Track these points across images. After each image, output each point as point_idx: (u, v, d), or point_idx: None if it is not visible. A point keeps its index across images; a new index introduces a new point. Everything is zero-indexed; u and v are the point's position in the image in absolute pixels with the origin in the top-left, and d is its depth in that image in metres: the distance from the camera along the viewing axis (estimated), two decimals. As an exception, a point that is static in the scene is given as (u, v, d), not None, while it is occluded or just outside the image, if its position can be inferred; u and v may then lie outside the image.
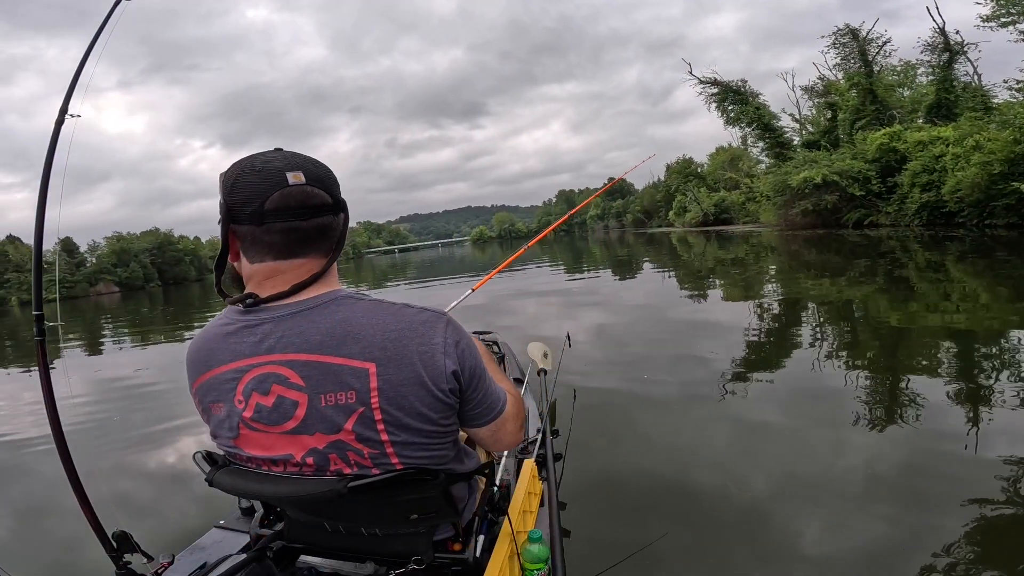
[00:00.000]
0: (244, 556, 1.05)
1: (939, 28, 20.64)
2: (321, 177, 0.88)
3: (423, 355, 0.85)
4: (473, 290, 2.95)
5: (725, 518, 2.14)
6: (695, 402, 3.52)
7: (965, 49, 20.55)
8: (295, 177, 0.84)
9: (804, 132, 29.06)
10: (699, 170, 47.35)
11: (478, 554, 1.05)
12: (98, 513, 1.37)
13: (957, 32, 20.56)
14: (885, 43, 23.27)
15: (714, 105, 27.99)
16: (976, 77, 21.34)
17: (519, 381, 2.81)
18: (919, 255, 10.82)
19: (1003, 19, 17.37)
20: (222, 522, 1.51)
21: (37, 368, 1.44)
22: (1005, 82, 17.98)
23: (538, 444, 1.92)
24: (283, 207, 0.83)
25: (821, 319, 5.94)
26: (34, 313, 1.42)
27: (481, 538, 1.09)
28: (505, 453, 1.55)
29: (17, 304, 43.32)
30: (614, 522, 2.17)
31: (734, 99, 27.26)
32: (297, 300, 0.87)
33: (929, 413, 2.92)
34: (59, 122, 1.48)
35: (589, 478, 2.53)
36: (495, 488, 1.20)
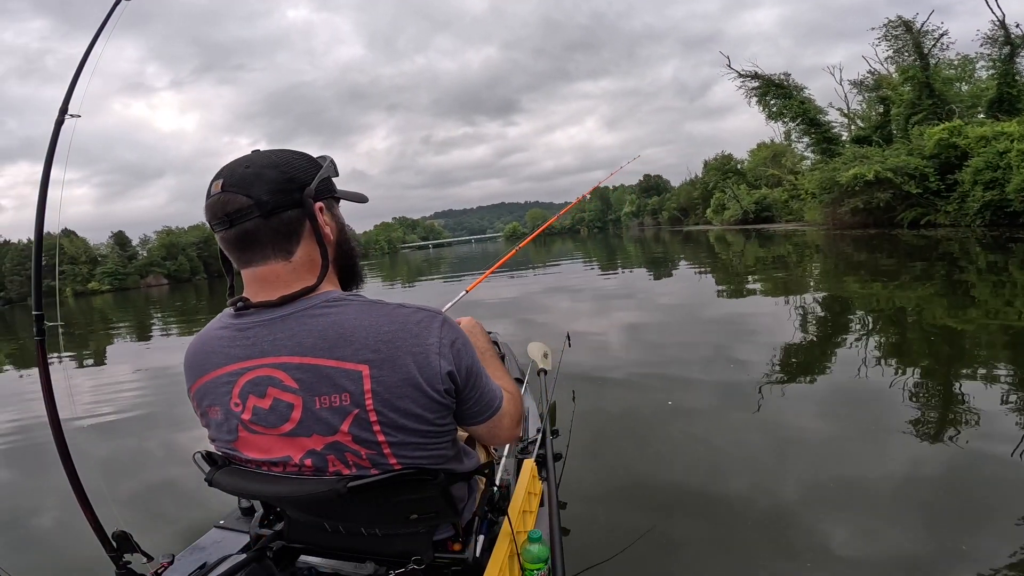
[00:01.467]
0: (244, 556, 1.03)
1: (999, 21, 19.45)
2: (244, 179, 0.84)
3: (417, 356, 0.83)
4: (467, 291, 2.96)
5: (732, 515, 2.13)
6: (709, 402, 3.45)
7: (1027, 42, 19.28)
8: (215, 187, 0.84)
9: (854, 127, 27.76)
10: (739, 167, 45.95)
11: (478, 554, 1.05)
12: (98, 513, 1.37)
13: (1018, 25, 19.33)
14: (942, 35, 21.98)
15: (755, 100, 26.96)
16: (1039, 71, 20.00)
17: (519, 381, 2.81)
18: (980, 257, 10.17)
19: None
20: (222, 522, 1.49)
21: (38, 368, 1.43)
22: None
23: (538, 444, 1.91)
24: (211, 219, 0.85)
25: (869, 324, 5.59)
26: (34, 313, 1.39)
27: (481, 538, 1.08)
28: (505, 453, 1.55)
29: (72, 295, 45.63)
30: (614, 521, 2.16)
31: (776, 93, 26.22)
32: (289, 303, 0.86)
33: (981, 426, 2.74)
34: (59, 122, 1.44)
35: (589, 478, 2.53)
36: (495, 488, 1.20)
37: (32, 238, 1.46)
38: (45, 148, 1.43)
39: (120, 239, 56.04)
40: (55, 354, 8.55)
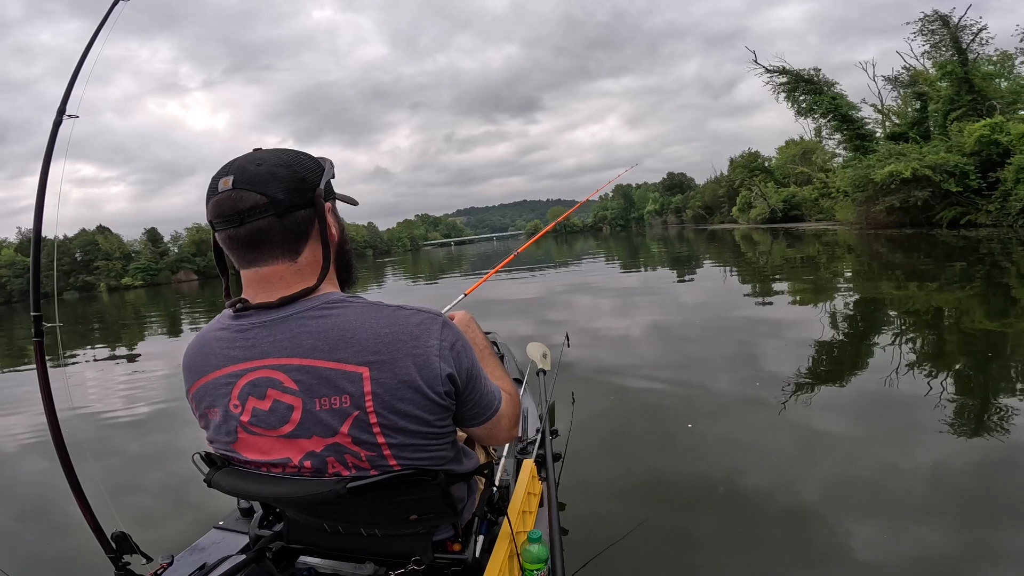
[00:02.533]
0: (243, 557, 1.04)
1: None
2: (258, 177, 0.82)
3: (417, 358, 0.83)
4: (465, 294, 2.93)
5: (740, 513, 2.11)
6: (722, 403, 3.41)
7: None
8: (224, 183, 0.82)
9: (888, 123, 26.88)
10: (766, 164, 44.94)
11: (478, 554, 1.05)
12: (97, 514, 1.36)
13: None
14: (981, 30, 21.06)
15: (783, 95, 26.33)
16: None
17: (518, 381, 2.80)
18: (1022, 259, 9.70)
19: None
20: (221, 523, 1.49)
21: (36, 368, 1.42)
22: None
23: (537, 444, 1.92)
24: (217, 215, 0.83)
25: (904, 328, 5.36)
26: (32, 314, 1.38)
27: (481, 538, 1.09)
28: (504, 453, 1.56)
29: (105, 290, 47.13)
30: (615, 521, 2.15)
31: (806, 89, 25.52)
32: (289, 304, 0.85)
33: (1017, 434, 2.60)
34: (56, 123, 1.42)
35: (589, 478, 2.52)
36: (494, 488, 1.20)
37: (68, 234, 1.43)
38: (80, 147, 1.43)
39: (152, 236, 57.68)
40: (66, 351, 8.76)
